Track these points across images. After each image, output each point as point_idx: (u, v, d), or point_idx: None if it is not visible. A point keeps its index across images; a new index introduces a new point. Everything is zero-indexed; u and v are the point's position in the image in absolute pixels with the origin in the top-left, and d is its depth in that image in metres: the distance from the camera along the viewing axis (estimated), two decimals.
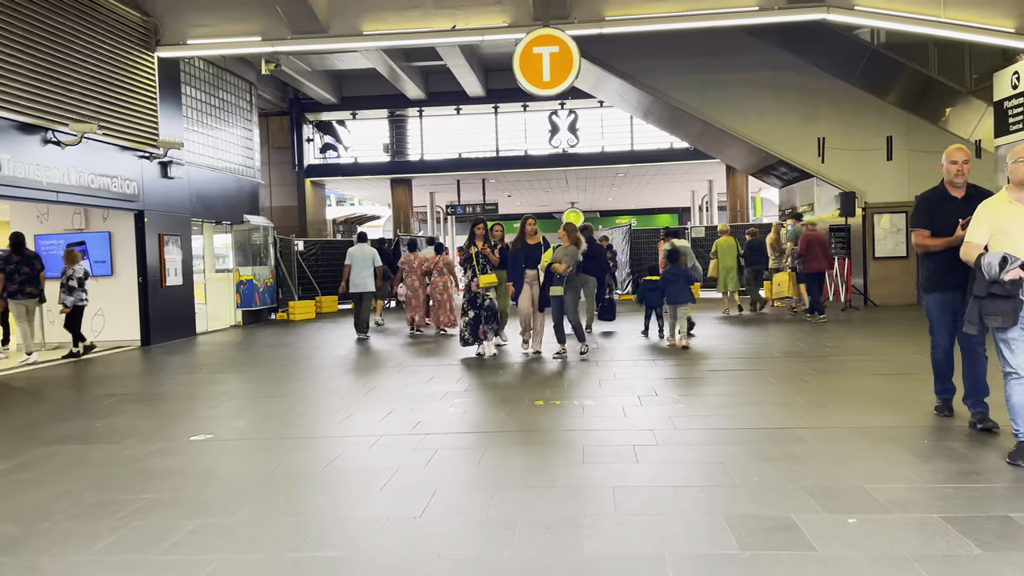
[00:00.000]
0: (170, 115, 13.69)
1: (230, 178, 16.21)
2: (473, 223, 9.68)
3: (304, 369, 9.25)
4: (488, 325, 9.58)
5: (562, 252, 9.15)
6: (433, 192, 26.30)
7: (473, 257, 9.47)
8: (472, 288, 9.56)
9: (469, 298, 9.57)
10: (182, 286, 13.91)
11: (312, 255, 20.43)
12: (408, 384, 7.82)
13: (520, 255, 9.53)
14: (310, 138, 22.05)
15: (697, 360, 8.87)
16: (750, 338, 10.92)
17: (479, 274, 9.42)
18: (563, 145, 21.36)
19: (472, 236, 9.64)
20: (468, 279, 9.62)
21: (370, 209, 36.96)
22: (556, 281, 9.12)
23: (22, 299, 11.02)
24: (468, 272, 9.59)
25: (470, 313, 9.55)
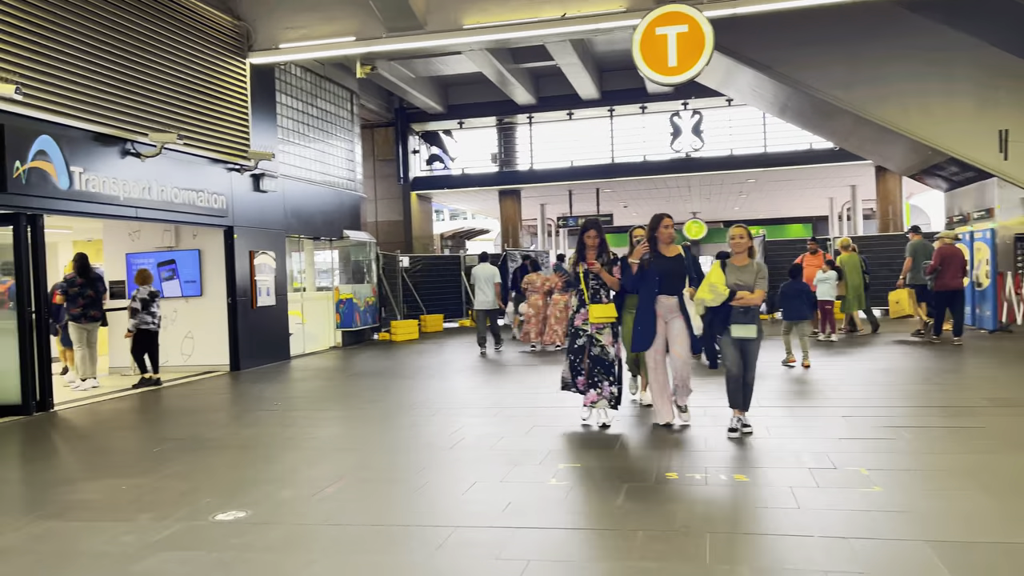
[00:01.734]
0: (263, 126, 12.89)
1: (329, 192, 15.35)
2: (582, 229, 6.58)
3: (389, 407, 7.93)
4: (598, 380, 6.42)
5: (747, 273, 5.95)
6: (544, 203, 24.92)
7: (581, 278, 6.47)
8: (576, 321, 6.53)
9: (570, 333, 6.63)
10: (275, 306, 13.05)
11: (417, 271, 19.42)
12: (503, 435, 6.31)
13: (651, 275, 6.23)
14: (416, 149, 21.16)
15: (864, 408, 6.91)
16: (907, 373, 8.75)
17: (589, 303, 6.45)
18: (686, 149, 19.45)
19: (581, 248, 6.54)
20: (573, 307, 6.63)
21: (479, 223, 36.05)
22: (740, 317, 5.91)
23: (85, 323, 10.33)
24: (575, 298, 6.61)
25: (568, 357, 6.69)
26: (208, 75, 11.45)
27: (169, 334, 12.24)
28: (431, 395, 8.71)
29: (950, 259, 11.48)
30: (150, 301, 10.29)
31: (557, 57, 15.92)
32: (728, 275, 5.97)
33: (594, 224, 6.63)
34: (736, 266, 6.03)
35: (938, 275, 11.51)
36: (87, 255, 10.97)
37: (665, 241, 6.36)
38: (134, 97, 9.92)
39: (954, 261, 11.50)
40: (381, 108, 20.07)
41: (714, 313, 6.00)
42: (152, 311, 10.32)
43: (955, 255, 11.60)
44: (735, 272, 5.99)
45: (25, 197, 8.26)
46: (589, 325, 6.45)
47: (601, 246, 6.52)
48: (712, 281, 5.98)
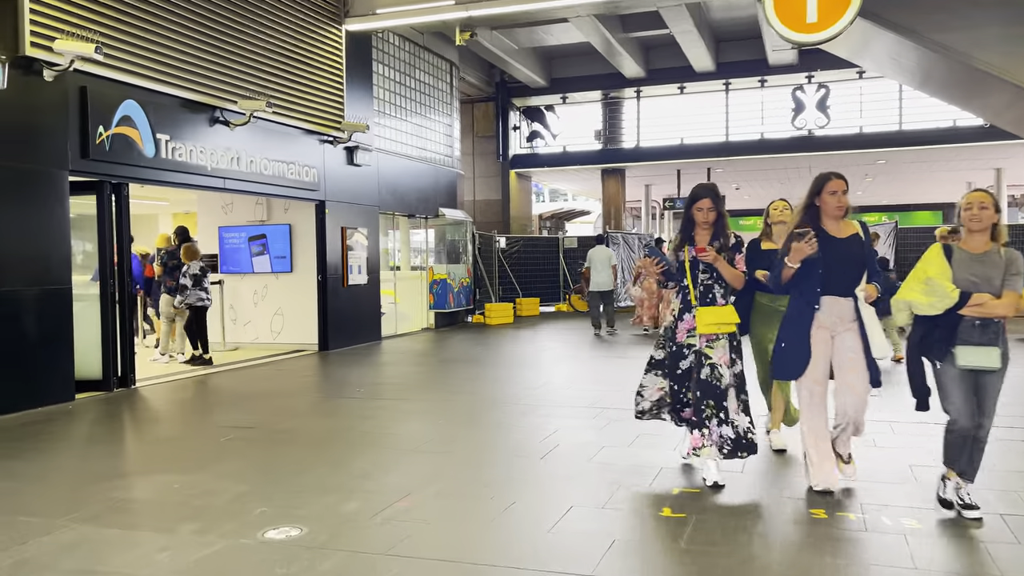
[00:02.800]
0: (358, 96, 12.35)
1: (425, 168, 14.75)
2: (691, 198, 4.54)
3: (477, 401, 7.17)
4: (706, 418, 4.44)
5: (990, 264, 3.77)
6: (649, 184, 23.66)
7: (686, 269, 4.54)
8: (679, 334, 4.57)
9: (671, 351, 4.61)
10: (366, 285, 12.55)
11: (514, 253, 18.66)
12: (605, 444, 5.43)
13: (813, 265, 4.13)
14: (516, 126, 20.34)
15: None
16: None
17: (696, 304, 4.51)
18: (809, 126, 17.82)
19: (688, 226, 4.55)
20: (675, 312, 4.63)
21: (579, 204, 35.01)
22: (975, 335, 3.77)
23: None
24: (677, 298, 4.65)
25: (659, 382, 4.71)
26: (302, 41, 10.95)
27: (259, 311, 11.95)
28: (523, 389, 7.90)
29: None
30: (202, 277, 9.86)
31: (671, 24, 14.71)
32: (956, 267, 3.78)
33: (708, 192, 4.48)
34: (971, 253, 3.79)
35: None
36: (187, 228, 10.76)
37: (834, 214, 4.15)
38: (224, 62, 9.49)
39: None
40: (481, 82, 19.34)
41: (930, 327, 3.85)
42: (205, 287, 9.89)
43: None
44: (969, 262, 3.78)
45: (109, 164, 7.92)
46: (697, 337, 4.46)
47: (718, 223, 4.45)
48: (931, 274, 3.80)
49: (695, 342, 4.52)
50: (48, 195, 7.33)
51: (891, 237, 15.99)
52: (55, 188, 7.41)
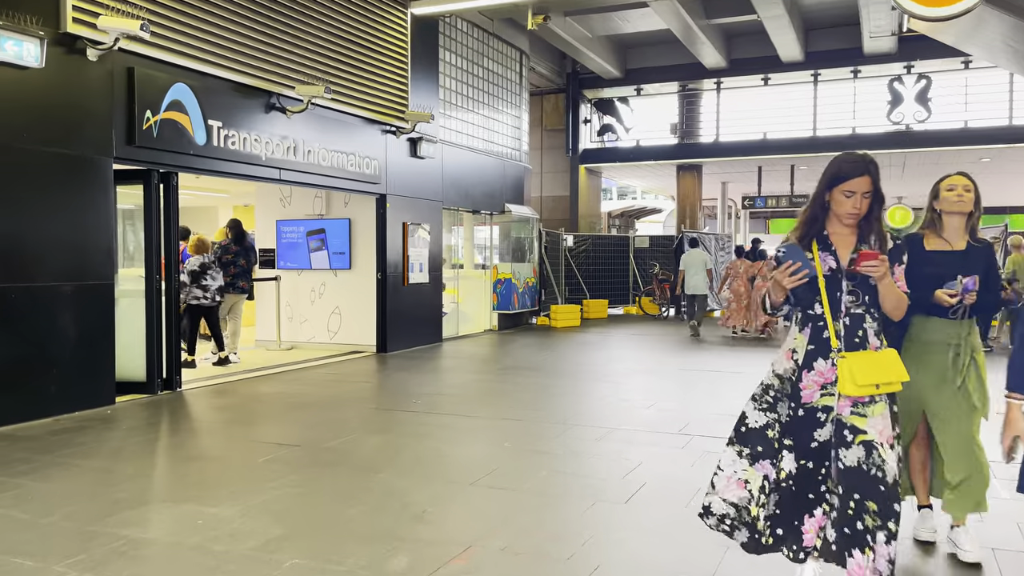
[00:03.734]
0: (423, 85, 11.68)
1: (492, 161, 14.01)
2: (832, 176, 2.82)
3: (544, 419, 6.37)
4: (866, 531, 2.63)
5: None
6: (725, 182, 22.43)
7: (820, 286, 2.77)
8: (805, 391, 2.81)
9: (792, 416, 2.84)
10: (428, 284, 11.89)
11: (582, 252, 17.80)
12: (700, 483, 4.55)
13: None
14: (587, 119, 19.43)
15: None
16: None
17: (841, 348, 2.74)
18: (907, 120, 16.40)
19: (819, 211, 2.85)
20: (796, 356, 2.85)
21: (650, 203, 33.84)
22: None
23: (232, 293, 9.62)
24: (801, 331, 2.86)
25: (745, 470, 2.91)
26: (364, 25, 10.32)
27: (316, 309, 11.41)
28: (597, 407, 7.06)
29: None
30: (200, 273, 9.23)
31: (760, 8, 13.61)
32: None
33: (865, 166, 2.81)
34: None
35: None
36: (241, 221, 10.27)
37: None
38: (280, 45, 8.91)
39: None
40: (552, 72, 18.51)
41: None
42: (203, 284, 9.26)
43: None
44: None
45: (156, 152, 7.40)
46: (839, 399, 2.73)
47: (870, 217, 2.83)
48: None
49: (833, 404, 2.75)
50: (90, 184, 6.83)
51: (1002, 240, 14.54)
52: (98, 176, 6.90)
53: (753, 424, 2.92)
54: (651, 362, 10.08)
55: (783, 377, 2.89)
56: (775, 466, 2.85)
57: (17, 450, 5.33)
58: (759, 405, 2.93)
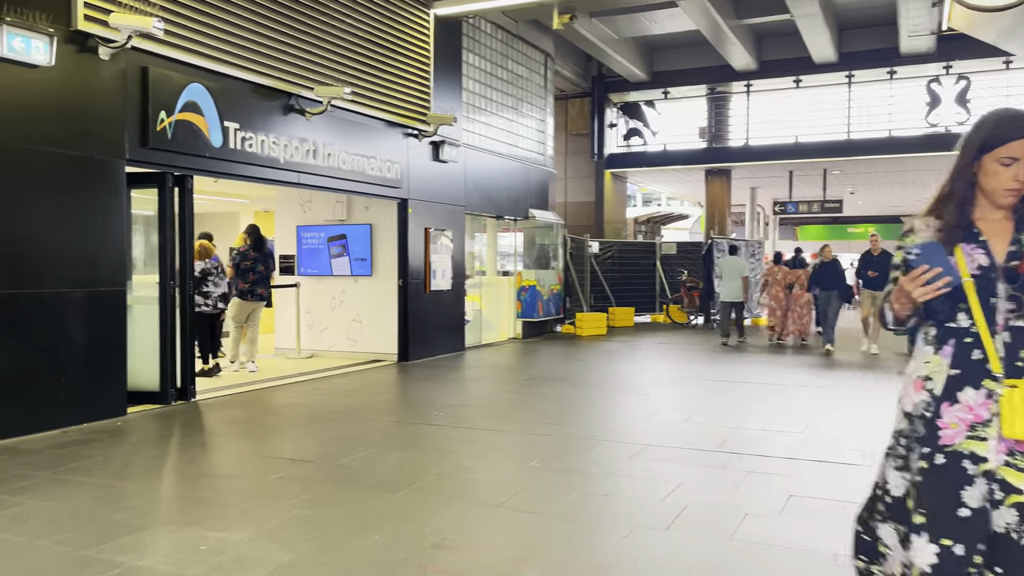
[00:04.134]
0: (446, 87, 11.40)
1: (516, 166, 13.70)
2: (989, 135, 2.02)
3: (572, 435, 6.00)
4: None
5: None
6: (755, 187, 21.93)
7: (968, 293, 1.97)
8: (945, 431, 1.96)
9: (930, 466, 1.97)
10: (450, 291, 11.58)
11: (608, 259, 17.41)
12: (747, 508, 4.16)
13: None
14: (613, 123, 19.06)
15: None
16: None
17: (1002, 375, 1.93)
18: (946, 122, 15.85)
19: (962, 189, 2.07)
20: (930, 386, 2.01)
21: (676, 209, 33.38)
22: None
23: (250, 300, 9.38)
24: (936, 351, 2.03)
25: (894, 538, 2.10)
26: (386, 25, 10.06)
27: (336, 316, 11.14)
28: (628, 421, 6.68)
29: None
30: (201, 280, 8.96)
31: (793, 7, 13.19)
32: None
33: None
34: None
35: None
36: (259, 227, 10.03)
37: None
38: (299, 45, 8.66)
39: None
40: (577, 75, 18.18)
41: None
42: (204, 291, 8.99)
43: None
44: None
45: (171, 154, 7.15)
46: (993, 443, 1.92)
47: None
48: None
49: (988, 453, 1.93)
50: (102, 186, 6.59)
51: None
52: (110, 179, 6.66)
53: (896, 491, 2.09)
54: (681, 372, 9.67)
55: (913, 415, 2.03)
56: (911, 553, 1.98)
57: (18, 465, 5.07)
58: (895, 462, 2.10)
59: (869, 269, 11.25)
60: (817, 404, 7.41)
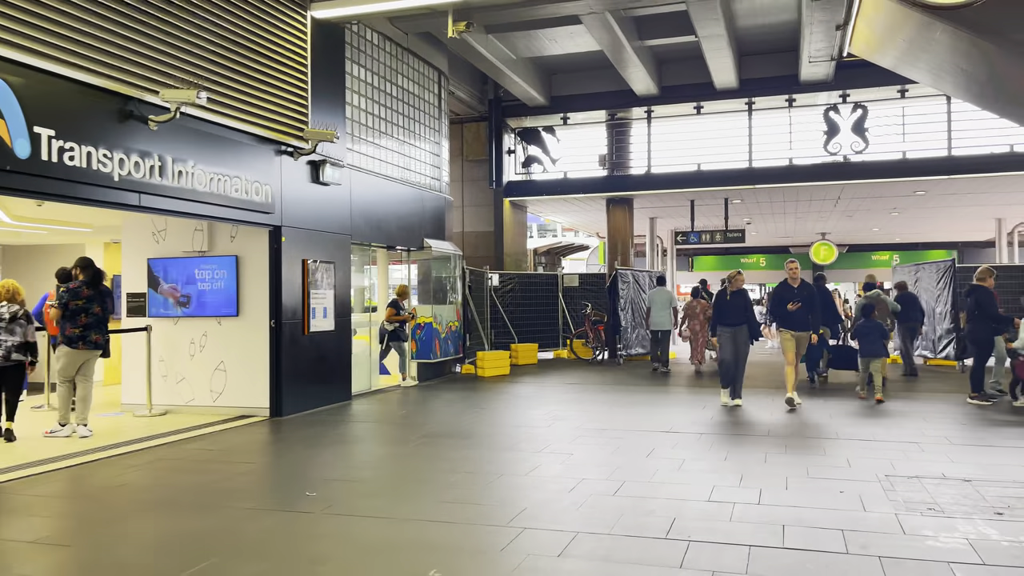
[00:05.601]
0: (327, 100, 10.04)
1: (409, 192, 12.41)
2: None
3: (481, 516, 4.71)
4: None
5: None
6: (654, 217, 21.44)
7: None
8: None
9: None
10: (333, 331, 10.11)
11: (508, 292, 16.31)
12: None
13: None
14: (511, 149, 18.08)
15: None
16: None
17: None
18: (844, 151, 15.71)
19: None
20: None
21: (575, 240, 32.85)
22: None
23: (83, 348, 7.68)
24: None
25: None
26: (254, 25, 8.64)
27: (196, 365, 9.45)
28: (548, 493, 5.45)
29: None
30: (7, 323, 7.41)
31: (699, 27, 12.59)
32: None
33: None
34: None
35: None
36: (93, 260, 8.30)
37: None
38: (143, 40, 7.15)
39: None
40: (473, 98, 17.14)
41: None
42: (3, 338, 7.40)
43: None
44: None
45: None
46: None
47: None
48: None
49: None
50: None
51: (947, 276, 13.83)
52: None
53: None
54: (600, 421, 8.56)
55: None
56: None
57: None
58: None
59: (788, 302, 9.41)
60: (762, 462, 6.42)
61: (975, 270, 10.10)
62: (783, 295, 9.63)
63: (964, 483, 5.44)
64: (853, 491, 5.29)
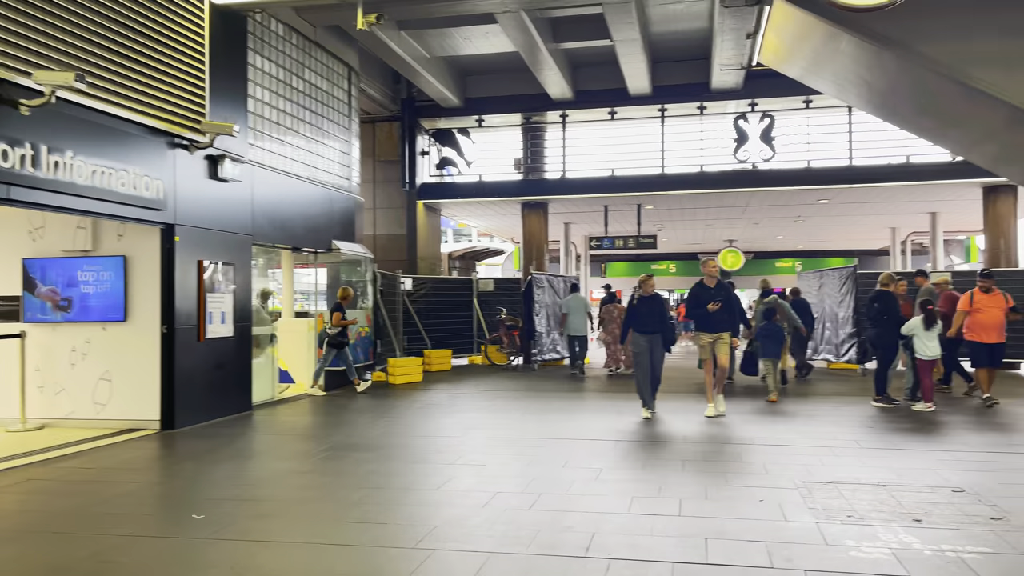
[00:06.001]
0: (227, 92, 9.44)
1: (316, 191, 11.87)
2: None
3: (388, 536, 4.34)
4: None
5: None
6: (568, 223, 21.45)
7: None
8: None
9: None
10: (233, 338, 9.49)
11: (422, 297, 15.89)
12: None
13: None
14: (425, 151, 17.69)
15: None
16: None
17: None
18: (753, 158, 16.04)
19: None
20: None
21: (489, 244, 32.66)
22: None
23: None
24: None
25: None
26: (146, 7, 8.00)
27: (78, 374, 8.69)
28: (461, 509, 5.12)
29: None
30: None
31: (614, 30, 12.56)
32: None
33: None
34: None
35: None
36: None
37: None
38: (13, 16, 6.45)
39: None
40: (385, 97, 16.67)
41: None
42: None
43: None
44: None
45: None
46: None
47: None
48: None
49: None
50: None
51: (849, 282, 14.24)
52: None
53: None
54: (515, 429, 8.29)
55: None
56: None
57: None
58: None
59: (707, 302, 8.87)
60: (680, 470, 6.28)
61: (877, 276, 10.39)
62: (700, 295, 9.04)
63: (879, 488, 5.42)
64: (773, 499, 5.18)
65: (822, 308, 15.37)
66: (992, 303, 9.47)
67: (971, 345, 9.63)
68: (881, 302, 9.73)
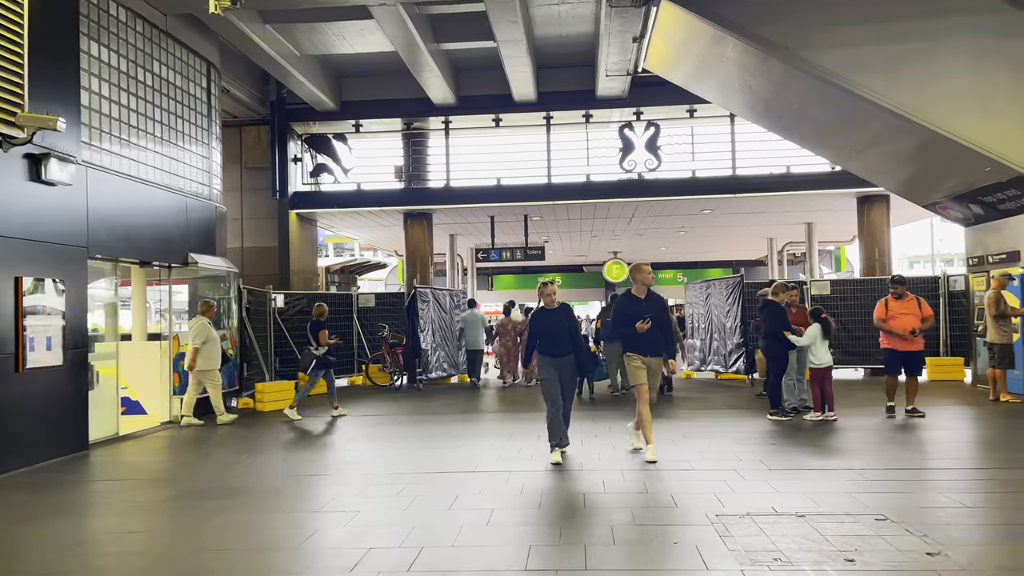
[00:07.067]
0: (53, 81, 8.12)
1: (169, 198, 10.58)
2: None
3: None
4: None
5: None
6: (454, 234, 20.68)
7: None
8: None
9: None
10: (62, 367, 8.12)
11: (295, 315, 14.67)
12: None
13: None
14: (298, 157, 16.48)
15: None
16: None
17: None
18: (639, 168, 15.81)
19: None
20: None
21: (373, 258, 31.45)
22: None
23: None
24: None
25: None
26: None
27: None
28: (324, 568, 4.21)
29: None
30: None
31: (498, 30, 11.93)
32: None
33: None
34: None
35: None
36: None
37: None
38: None
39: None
40: (253, 98, 15.40)
41: None
42: None
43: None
44: None
45: None
46: None
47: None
48: None
49: None
50: None
51: (736, 291, 14.16)
52: None
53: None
54: (395, 462, 7.40)
55: None
56: None
57: None
58: None
59: (637, 319, 7.04)
60: (582, 506, 5.59)
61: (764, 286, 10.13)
62: (628, 310, 7.21)
63: (799, 520, 4.91)
64: (688, 540, 4.56)
65: (709, 319, 15.28)
66: (905, 309, 9.24)
67: (885, 353, 9.41)
68: (766, 312, 9.49)
